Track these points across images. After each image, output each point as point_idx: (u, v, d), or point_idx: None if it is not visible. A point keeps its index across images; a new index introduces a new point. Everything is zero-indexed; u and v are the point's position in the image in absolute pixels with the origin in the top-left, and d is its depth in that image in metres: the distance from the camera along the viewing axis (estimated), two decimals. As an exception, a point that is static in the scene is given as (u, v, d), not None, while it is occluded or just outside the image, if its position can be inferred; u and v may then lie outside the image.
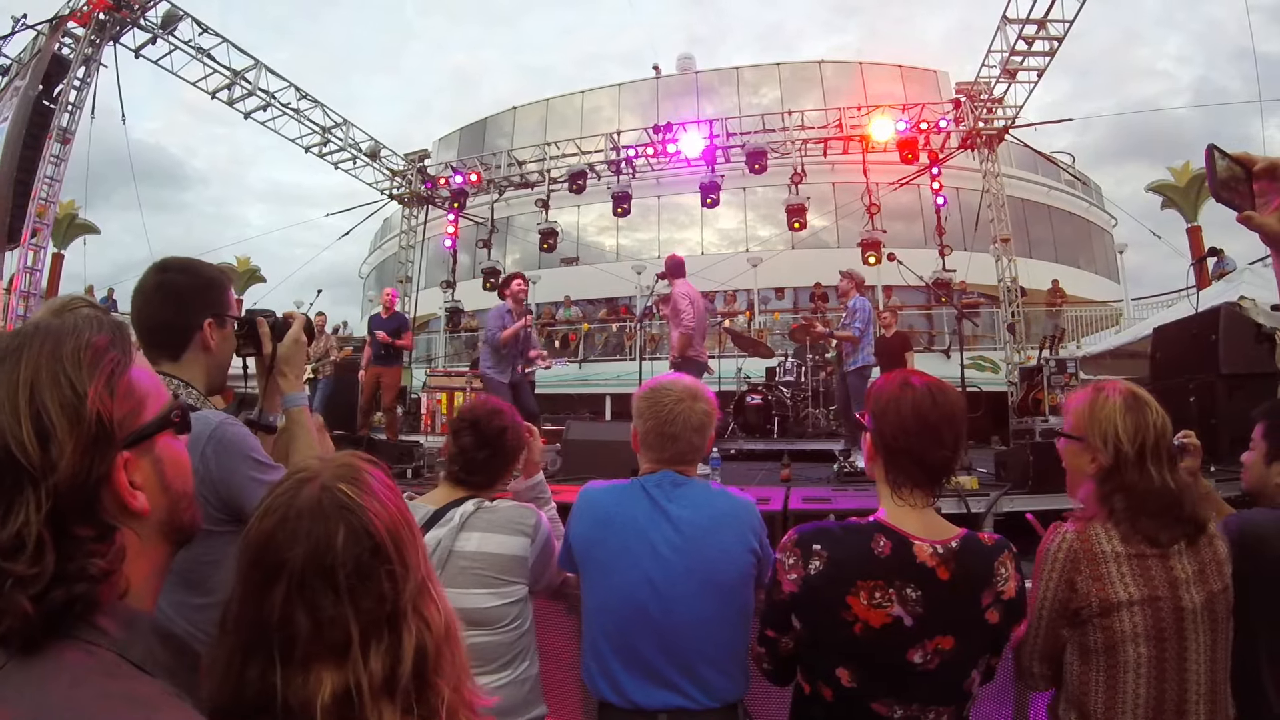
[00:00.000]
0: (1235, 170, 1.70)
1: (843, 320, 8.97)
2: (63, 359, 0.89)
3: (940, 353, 18.77)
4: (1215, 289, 10.62)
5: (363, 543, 1.04)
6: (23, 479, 0.83)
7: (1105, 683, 1.97)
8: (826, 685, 1.89)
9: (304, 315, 2.21)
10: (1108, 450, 2.07)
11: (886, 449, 1.97)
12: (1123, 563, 1.99)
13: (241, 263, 35.61)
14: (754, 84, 28.73)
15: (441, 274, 20.85)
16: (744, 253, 24.55)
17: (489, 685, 2.16)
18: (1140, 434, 2.05)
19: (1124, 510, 2.03)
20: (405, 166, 19.66)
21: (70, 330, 0.93)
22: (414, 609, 1.07)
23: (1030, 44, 13.92)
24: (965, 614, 1.84)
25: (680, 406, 2.31)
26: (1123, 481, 2.04)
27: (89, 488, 0.88)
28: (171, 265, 2.02)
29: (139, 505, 0.95)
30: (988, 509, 5.08)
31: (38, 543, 0.81)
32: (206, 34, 14.44)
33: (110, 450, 0.91)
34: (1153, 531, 2.01)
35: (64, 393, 0.87)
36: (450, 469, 2.52)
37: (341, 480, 1.09)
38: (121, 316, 2.09)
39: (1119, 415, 2.08)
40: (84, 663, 0.84)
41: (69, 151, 12.99)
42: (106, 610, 0.89)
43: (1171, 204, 29.24)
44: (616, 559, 2.25)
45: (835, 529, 1.94)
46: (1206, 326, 6.13)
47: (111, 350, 0.94)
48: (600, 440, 6.53)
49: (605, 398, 20.02)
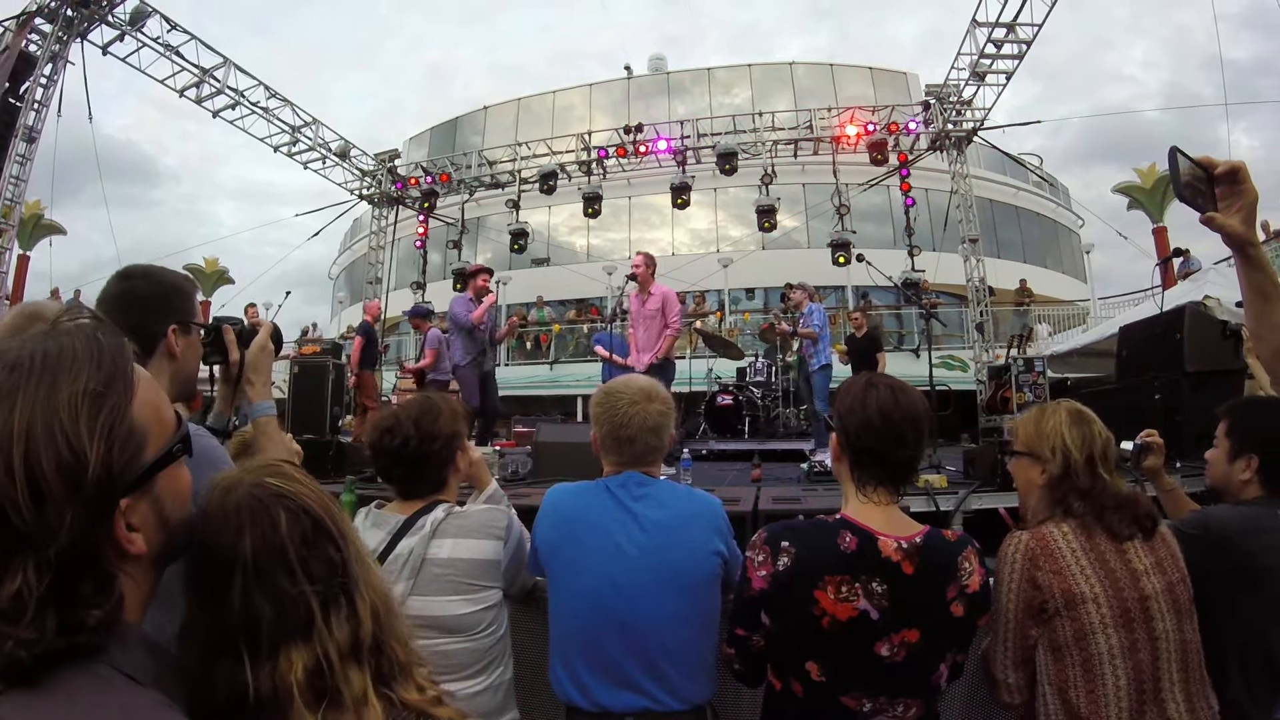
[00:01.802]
0: (1197, 172, 1.72)
1: (800, 325, 9.39)
2: (58, 408, 0.83)
3: (910, 352, 18.89)
4: (1180, 289, 10.77)
5: (303, 520, 1.10)
6: (18, 540, 0.79)
7: (1083, 675, 2.00)
8: (797, 680, 1.92)
9: (271, 323, 2.18)
10: (1056, 460, 2.16)
11: (852, 448, 2.02)
12: (1080, 557, 2.03)
13: (210, 264, 35.24)
14: (726, 84, 28.78)
15: (412, 275, 20.70)
16: (715, 253, 24.57)
17: (464, 692, 2.13)
18: (1088, 444, 2.15)
19: (1083, 508, 2.10)
20: (375, 167, 19.51)
21: (68, 366, 0.87)
22: (361, 575, 1.13)
23: (999, 47, 14.07)
24: (930, 607, 1.88)
25: (634, 409, 2.31)
26: (1075, 487, 2.12)
27: (88, 546, 0.85)
28: (134, 273, 1.98)
29: (136, 550, 0.92)
30: (957, 506, 5.09)
31: (39, 605, 0.79)
32: (175, 31, 14.24)
33: (110, 507, 0.88)
34: (1114, 525, 2.07)
35: (61, 453, 0.82)
36: (393, 489, 2.43)
37: (266, 475, 1.15)
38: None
39: (1065, 427, 2.18)
40: (80, 679, 0.83)
41: (35, 150, 12.79)
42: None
43: (1138, 205, 29.68)
44: (581, 560, 2.24)
45: (803, 526, 1.98)
46: (1172, 325, 6.19)
47: (111, 395, 0.88)
48: (572, 442, 6.48)
49: (576, 399, 19.96)
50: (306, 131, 17.53)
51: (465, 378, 9.05)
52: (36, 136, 12.72)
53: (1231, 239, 1.70)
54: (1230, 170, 1.69)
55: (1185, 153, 1.73)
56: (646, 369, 8.01)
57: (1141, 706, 1.95)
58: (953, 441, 11.63)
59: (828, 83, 26.85)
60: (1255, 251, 1.71)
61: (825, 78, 27.47)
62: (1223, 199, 1.71)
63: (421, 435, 2.32)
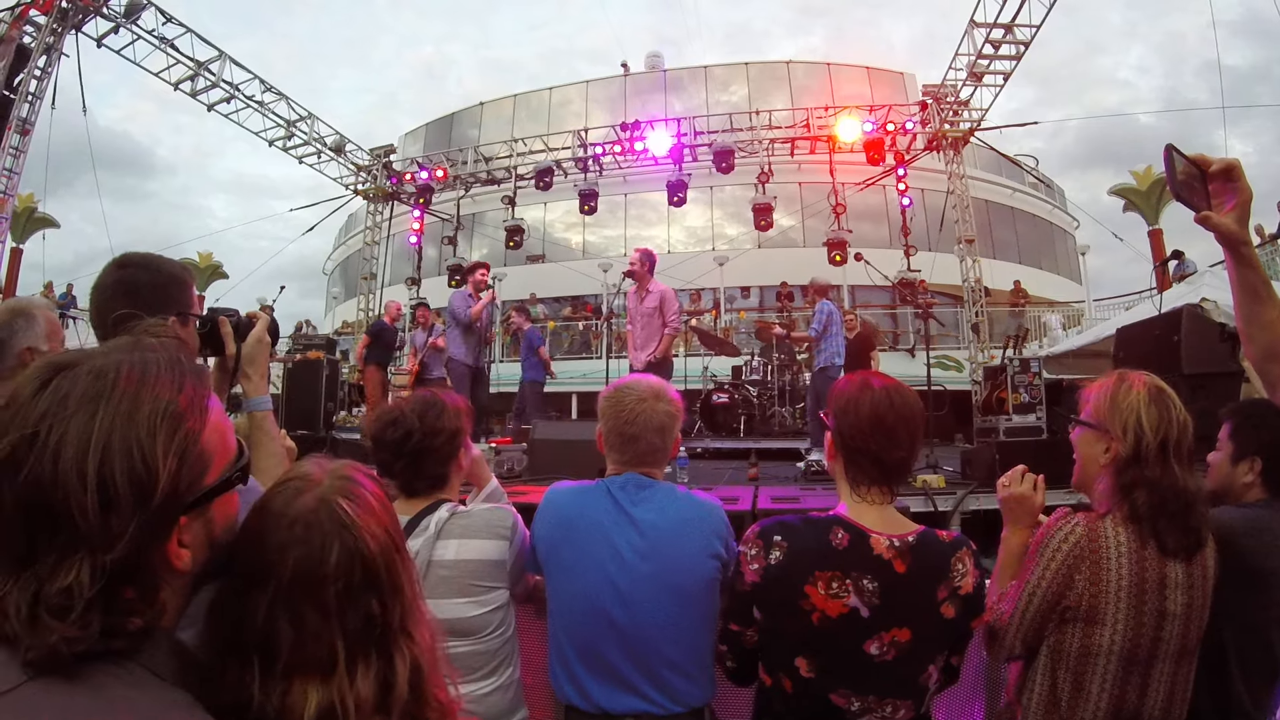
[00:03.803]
0: (1192, 171, 1.72)
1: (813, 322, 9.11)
2: (139, 423, 0.86)
3: (905, 352, 18.91)
4: (1177, 291, 10.76)
5: (355, 564, 1.04)
6: (78, 540, 0.81)
7: (1072, 684, 2.01)
8: (786, 676, 1.93)
9: (268, 316, 2.14)
10: (1127, 440, 2.04)
11: (846, 448, 2.02)
12: (1124, 570, 1.99)
13: (204, 258, 35.13)
14: (723, 82, 28.78)
15: (407, 270, 20.66)
16: (711, 251, 24.55)
17: (474, 694, 2.13)
18: (1164, 427, 2.02)
19: (1146, 507, 2.01)
20: (371, 162, 19.46)
21: (151, 382, 0.90)
22: (403, 630, 1.07)
23: (997, 48, 14.08)
24: (921, 607, 1.88)
25: (642, 406, 2.29)
26: (1143, 475, 2.02)
27: (142, 557, 0.86)
28: (132, 261, 1.94)
29: (183, 566, 0.93)
30: (955, 507, 5.11)
31: (86, 606, 0.81)
32: (170, 23, 14.16)
33: (172, 524, 0.90)
34: (1166, 535, 2.00)
35: (135, 466, 0.84)
36: (394, 486, 2.38)
37: (340, 495, 1.09)
38: (81, 313, 2.01)
39: (1143, 405, 2.05)
40: (111, 674, 0.85)
41: (29, 143, 12.70)
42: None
43: (1133, 207, 29.78)
44: (579, 561, 2.23)
45: (795, 522, 1.99)
46: (1169, 327, 6.20)
47: (189, 418, 0.91)
48: (567, 440, 6.47)
49: (571, 396, 19.91)
50: (302, 126, 17.47)
51: (457, 372, 9.09)
52: (30, 129, 12.62)
53: (1225, 237, 1.70)
54: (1225, 168, 1.68)
55: (1180, 151, 1.73)
56: (644, 367, 7.99)
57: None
58: (948, 442, 11.66)
59: (825, 82, 26.84)
60: (1248, 250, 1.71)
61: (822, 77, 27.47)
62: (1216, 197, 1.71)
63: (425, 429, 2.30)
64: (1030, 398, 7.59)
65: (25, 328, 2.32)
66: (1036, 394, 7.56)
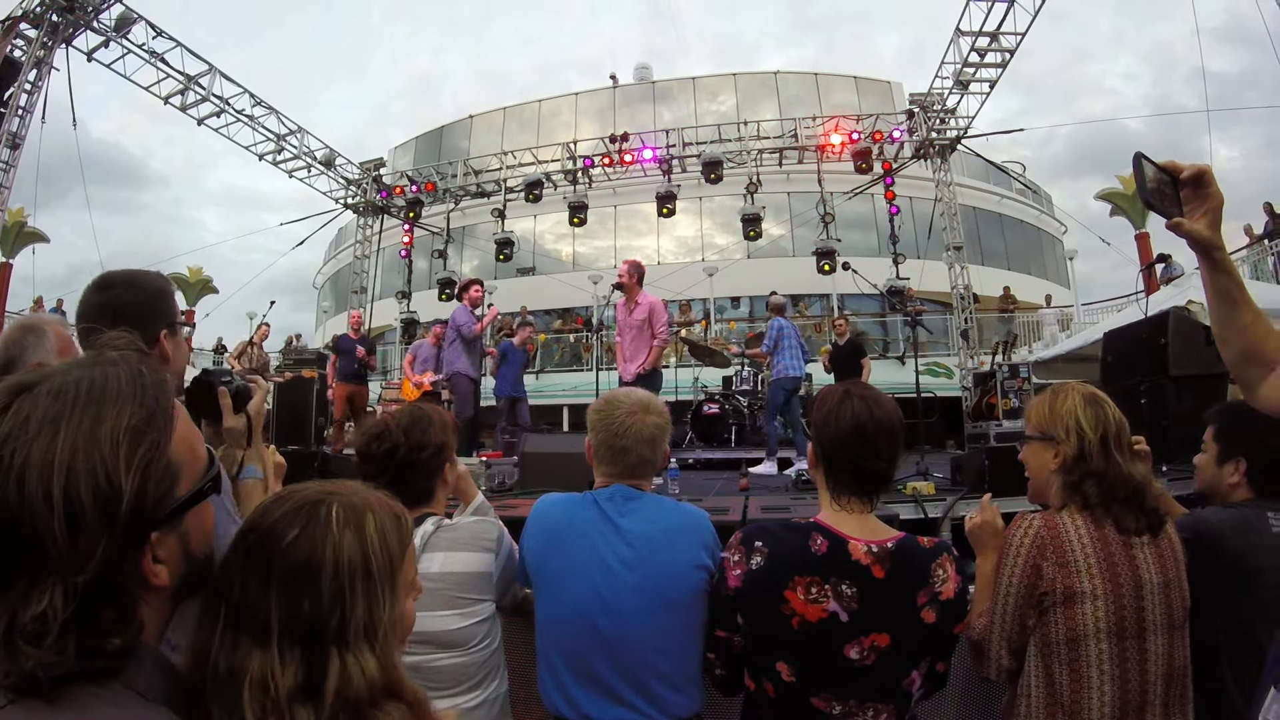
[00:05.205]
0: (1163, 177, 1.73)
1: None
2: (100, 441, 0.85)
3: (895, 359, 18.96)
4: (1164, 294, 10.84)
5: (324, 576, 1.02)
6: (48, 564, 0.80)
7: (1070, 676, 2.02)
8: (769, 681, 1.96)
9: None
10: (1071, 441, 2.15)
11: (826, 458, 2.07)
12: (1088, 552, 2.03)
13: (194, 273, 34.93)
14: (712, 92, 28.86)
15: (397, 284, 20.61)
16: (700, 261, 24.58)
17: (461, 707, 2.13)
18: (1102, 424, 2.14)
19: (1096, 495, 2.09)
20: (360, 175, 19.46)
21: (112, 398, 0.89)
22: (348, 643, 1.01)
23: (983, 56, 14.21)
24: (900, 612, 1.91)
25: (631, 419, 2.30)
26: (1090, 469, 2.11)
27: (115, 576, 0.86)
28: (114, 281, 1.93)
29: (160, 582, 0.93)
30: (944, 514, 5.10)
31: (62, 629, 0.80)
32: (160, 37, 14.14)
33: (142, 540, 0.89)
34: (1122, 518, 2.07)
35: (99, 484, 0.83)
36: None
37: (350, 503, 1.10)
38: (70, 330, 2.01)
39: (1080, 407, 2.18)
40: (93, 695, 0.84)
41: (19, 157, 12.67)
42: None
43: (1120, 211, 29.85)
44: (566, 572, 2.23)
45: (776, 528, 2.02)
46: (1156, 330, 6.21)
47: (151, 431, 0.90)
48: (557, 452, 6.44)
49: (562, 409, 19.90)
50: (292, 139, 17.44)
51: (462, 387, 9.13)
52: (20, 143, 12.60)
53: (1197, 243, 1.71)
54: (1195, 174, 1.69)
55: (1150, 158, 1.74)
56: (634, 379, 8.00)
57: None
58: (939, 448, 11.68)
59: (813, 92, 27.01)
60: (1221, 255, 1.72)
61: (810, 87, 27.61)
62: (1188, 203, 1.71)
63: (411, 443, 2.30)
64: (1020, 403, 7.62)
65: (36, 344, 2.32)
66: (1026, 399, 7.58)
